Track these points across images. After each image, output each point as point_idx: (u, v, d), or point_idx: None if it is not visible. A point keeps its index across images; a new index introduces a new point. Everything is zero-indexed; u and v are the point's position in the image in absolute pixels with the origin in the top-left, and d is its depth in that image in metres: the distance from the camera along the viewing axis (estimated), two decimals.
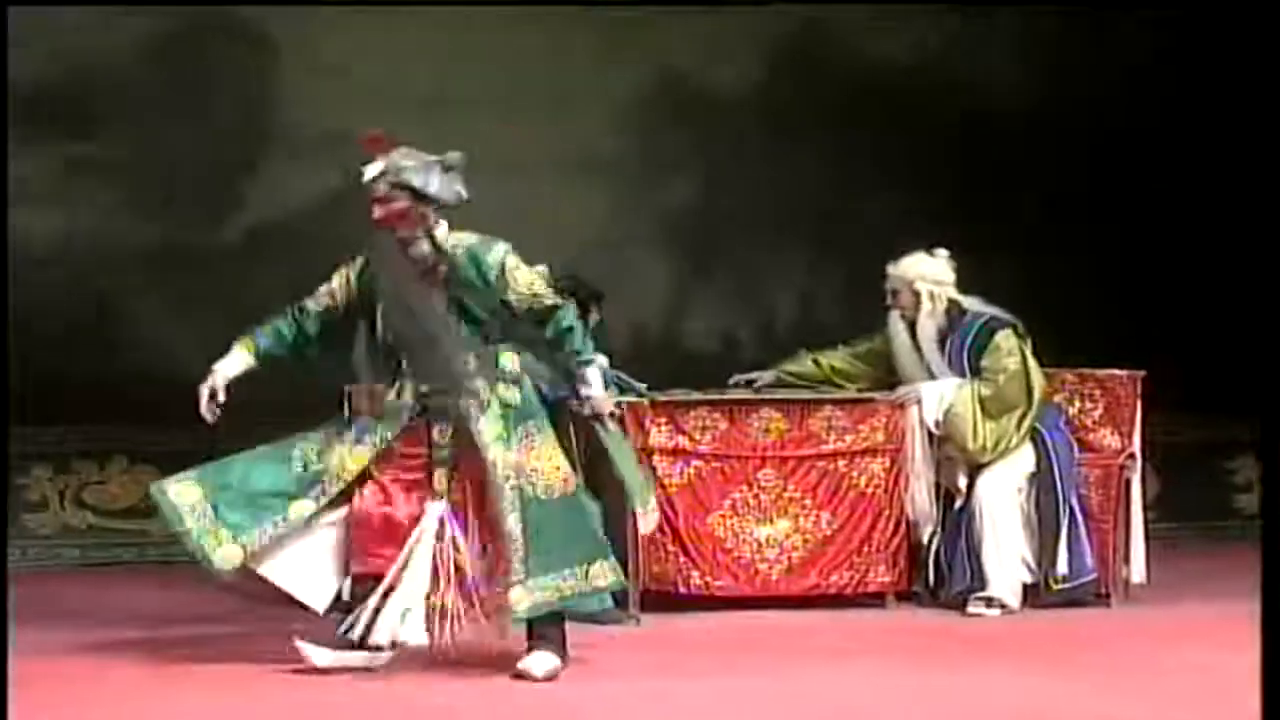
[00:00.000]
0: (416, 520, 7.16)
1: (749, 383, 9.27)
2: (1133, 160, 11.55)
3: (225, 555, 7.12)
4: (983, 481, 8.92)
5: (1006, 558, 8.86)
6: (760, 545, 8.81)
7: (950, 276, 9.09)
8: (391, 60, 10.97)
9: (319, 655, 7.19)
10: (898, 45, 11.46)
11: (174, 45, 10.81)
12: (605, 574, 7.28)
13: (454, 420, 7.17)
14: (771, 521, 8.83)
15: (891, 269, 9.12)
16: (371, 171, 7.11)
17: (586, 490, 8.74)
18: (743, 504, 8.81)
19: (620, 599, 8.67)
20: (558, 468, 7.20)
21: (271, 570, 7.23)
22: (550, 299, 7.24)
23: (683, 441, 8.78)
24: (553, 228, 10.75)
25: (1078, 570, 8.91)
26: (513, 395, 7.17)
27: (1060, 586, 8.89)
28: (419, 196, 7.09)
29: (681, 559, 8.75)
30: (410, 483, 7.23)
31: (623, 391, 8.89)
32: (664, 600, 8.74)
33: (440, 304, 7.12)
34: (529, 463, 7.15)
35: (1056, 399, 9.16)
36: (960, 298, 9.09)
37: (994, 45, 11.52)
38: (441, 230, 7.17)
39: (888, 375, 9.20)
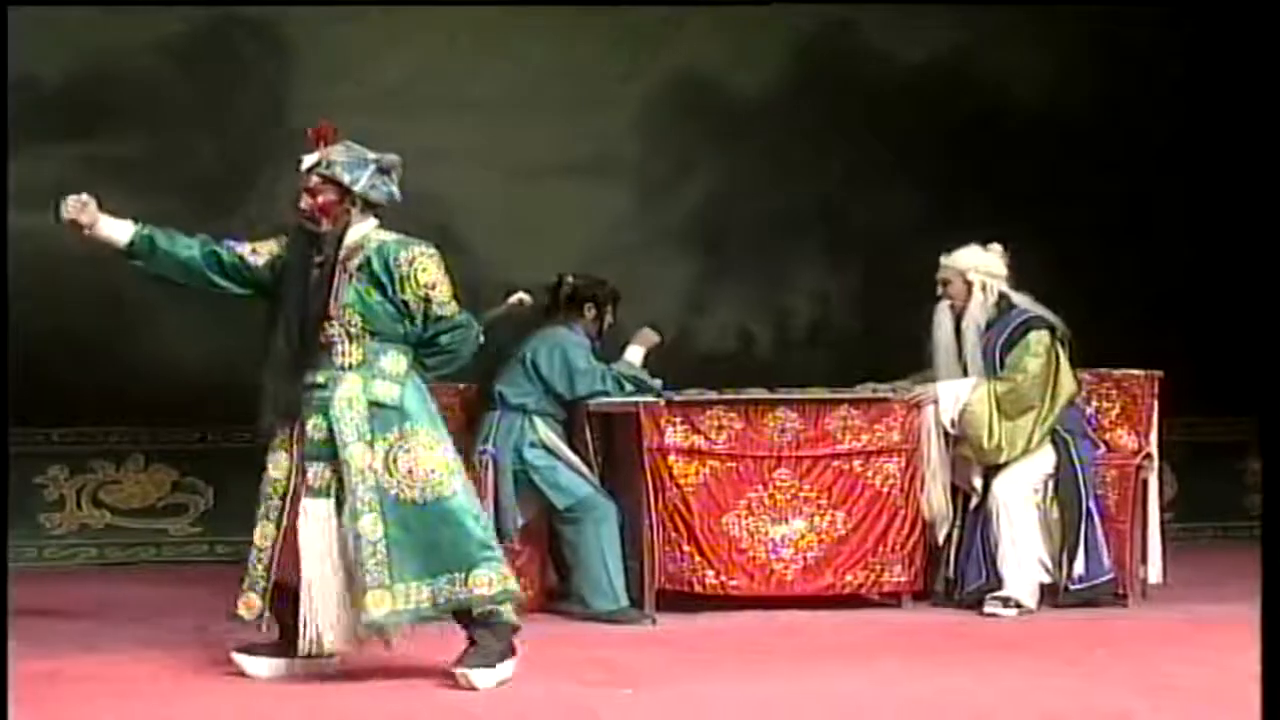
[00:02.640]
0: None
1: None
2: (1152, 159, 11.52)
3: None
4: (999, 482, 8.90)
5: (1023, 558, 8.84)
6: (775, 545, 8.79)
7: (1003, 270, 9.06)
8: (409, 63, 10.98)
9: (255, 665, 7.19)
10: (916, 45, 11.44)
11: (192, 46, 10.83)
12: (490, 581, 6.95)
13: (326, 415, 7.00)
14: (787, 521, 8.81)
15: (945, 259, 9.08)
16: (307, 162, 7.13)
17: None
18: (758, 504, 8.79)
19: (636, 599, 8.70)
20: (432, 470, 6.97)
21: None
22: (444, 310, 7.04)
23: (698, 441, 8.76)
24: (571, 229, 10.77)
25: (1094, 571, 8.88)
26: (389, 394, 7.00)
27: (1077, 587, 8.88)
28: (344, 191, 7.07)
29: (697, 558, 8.74)
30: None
31: (639, 391, 8.90)
32: (679, 600, 8.75)
33: (343, 297, 7.02)
34: (399, 464, 6.96)
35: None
36: (1011, 293, 9.08)
37: (1013, 45, 11.50)
38: (365, 226, 7.10)
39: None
